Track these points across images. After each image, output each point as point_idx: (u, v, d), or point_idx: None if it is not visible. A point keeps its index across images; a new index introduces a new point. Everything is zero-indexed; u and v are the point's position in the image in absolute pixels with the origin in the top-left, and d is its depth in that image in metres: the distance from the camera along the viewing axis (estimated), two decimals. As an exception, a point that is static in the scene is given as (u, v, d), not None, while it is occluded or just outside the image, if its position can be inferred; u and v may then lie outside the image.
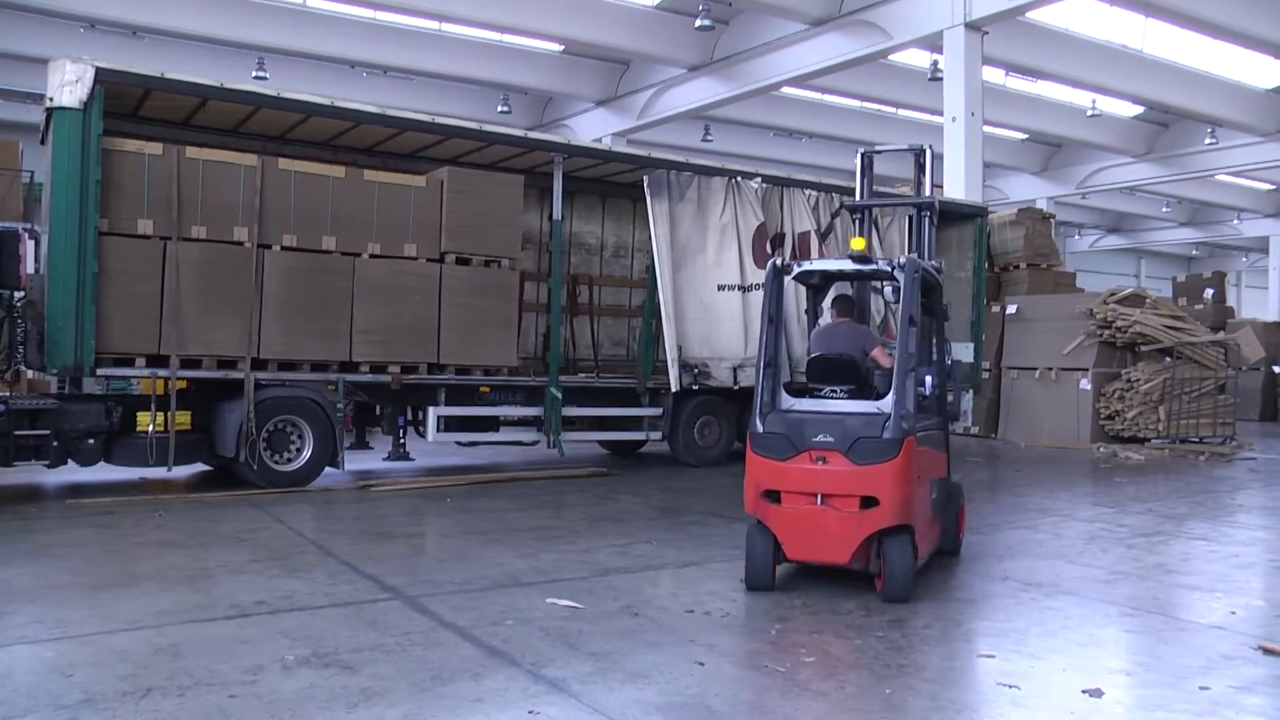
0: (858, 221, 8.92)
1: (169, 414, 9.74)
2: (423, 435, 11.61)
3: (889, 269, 6.57)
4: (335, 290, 10.62)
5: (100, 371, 9.50)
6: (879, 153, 9.23)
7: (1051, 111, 29.61)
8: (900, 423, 6.00)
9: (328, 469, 10.67)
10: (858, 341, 7.42)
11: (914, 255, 6.85)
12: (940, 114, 19.28)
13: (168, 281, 9.76)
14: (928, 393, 6.60)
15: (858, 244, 6.76)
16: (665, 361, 12.60)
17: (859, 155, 9.13)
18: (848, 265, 6.79)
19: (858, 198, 9.01)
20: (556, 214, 12.24)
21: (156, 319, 9.73)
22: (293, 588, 6.20)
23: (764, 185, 13.45)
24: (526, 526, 8.62)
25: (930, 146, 9.14)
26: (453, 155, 12.48)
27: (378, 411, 11.84)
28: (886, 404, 6.13)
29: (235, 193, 10.13)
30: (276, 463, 10.33)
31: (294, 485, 10.33)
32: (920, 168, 8.99)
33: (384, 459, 11.98)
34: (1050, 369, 17.05)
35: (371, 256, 10.83)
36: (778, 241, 13.50)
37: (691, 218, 12.83)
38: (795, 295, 11.00)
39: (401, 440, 11.80)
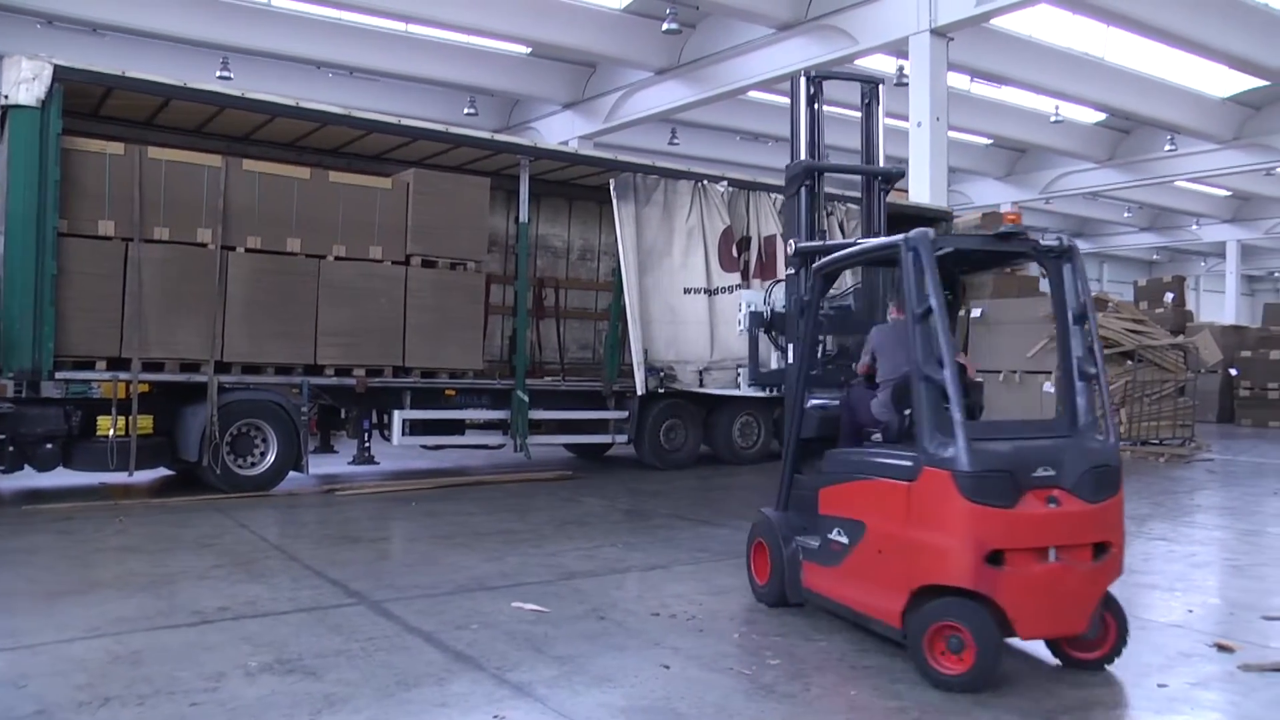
0: (803, 194, 6.86)
1: (130, 418, 9.60)
2: (388, 439, 11.55)
3: (1051, 248, 5.14)
4: (300, 292, 10.55)
5: (59, 375, 9.35)
6: (830, 77, 7.45)
7: (1015, 117, 29.94)
8: (1117, 446, 4.95)
9: (292, 473, 10.58)
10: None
11: (1064, 236, 5.26)
12: (906, 119, 19.40)
13: (129, 283, 9.65)
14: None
15: (1013, 219, 5.24)
16: (631, 364, 12.60)
17: (802, 79, 7.15)
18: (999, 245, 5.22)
19: (802, 154, 6.98)
20: (523, 216, 12.21)
21: (118, 321, 9.62)
22: (256, 593, 6.14)
23: (730, 189, 13.50)
24: (492, 530, 8.58)
25: (881, 83, 7.62)
26: (419, 157, 12.43)
27: (343, 415, 11.76)
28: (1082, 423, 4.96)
29: (199, 194, 10.04)
30: (240, 467, 10.23)
31: (258, 489, 10.23)
32: (868, 110, 7.33)
33: (349, 463, 11.89)
34: (1015, 372, 17.16)
35: (336, 259, 10.77)
36: (744, 245, 13.55)
37: (658, 221, 12.85)
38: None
39: (366, 444, 11.72)
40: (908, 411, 5.34)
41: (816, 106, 7.07)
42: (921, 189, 18.22)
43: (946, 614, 4.53)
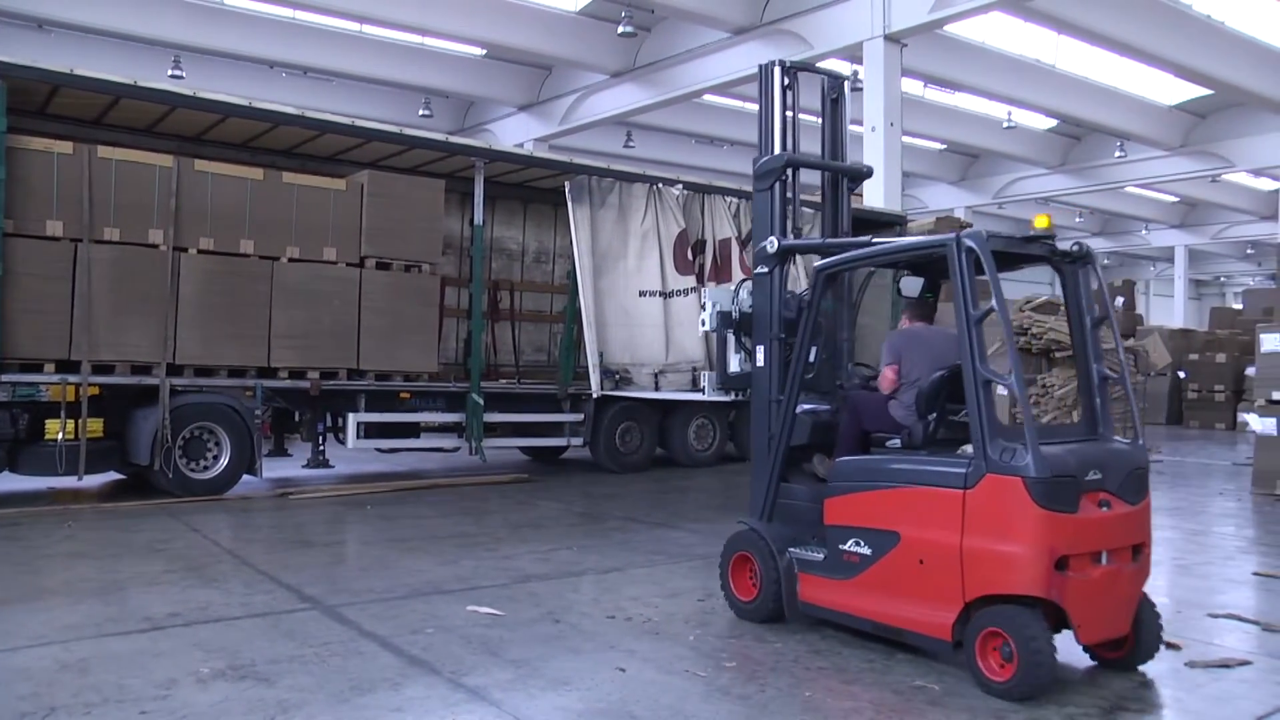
0: (776, 190, 6.22)
1: (80, 421, 9.47)
2: (342, 442, 11.46)
3: (1069, 253, 5.18)
4: (253, 294, 10.45)
5: (5, 377, 9.18)
6: (805, 69, 6.74)
7: (969, 123, 30.36)
8: (1145, 448, 5.08)
9: (245, 476, 10.48)
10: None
11: (1082, 242, 5.32)
12: (861, 124, 19.58)
13: (79, 284, 9.51)
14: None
15: (1042, 221, 5.19)
16: (587, 367, 12.61)
17: (776, 68, 6.45)
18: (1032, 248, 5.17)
19: (777, 146, 6.35)
20: (478, 219, 12.17)
21: (67, 323, 9.47)
22: (208, 598, 6.08)
23: (685, 192, 13.54)
24: (447, 533, 8.56)
25: (849, 80, 7.03)
26: (373, 159, 12.36)
27: (296, 418, 11.68)
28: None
29: (150, 194, 9.92)
30: (193, 470, 10.13)
31: (211, 493, 10.12)
32: (835, 108, 6.78)
33: (303, 466, 11.80)
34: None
35: (290, 260, 10.68)
36: (699, 248, 13.60)
37: (613, 224, 12.86)
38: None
39: (321, 447, 11.63)
40: (933, 416, 5.32)
41: (790, 98, 6.54)
42: (876, 193, 18.36)
43: (1004, 623, 4.48)
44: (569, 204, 12.56)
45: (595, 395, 12.55)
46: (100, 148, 9.80)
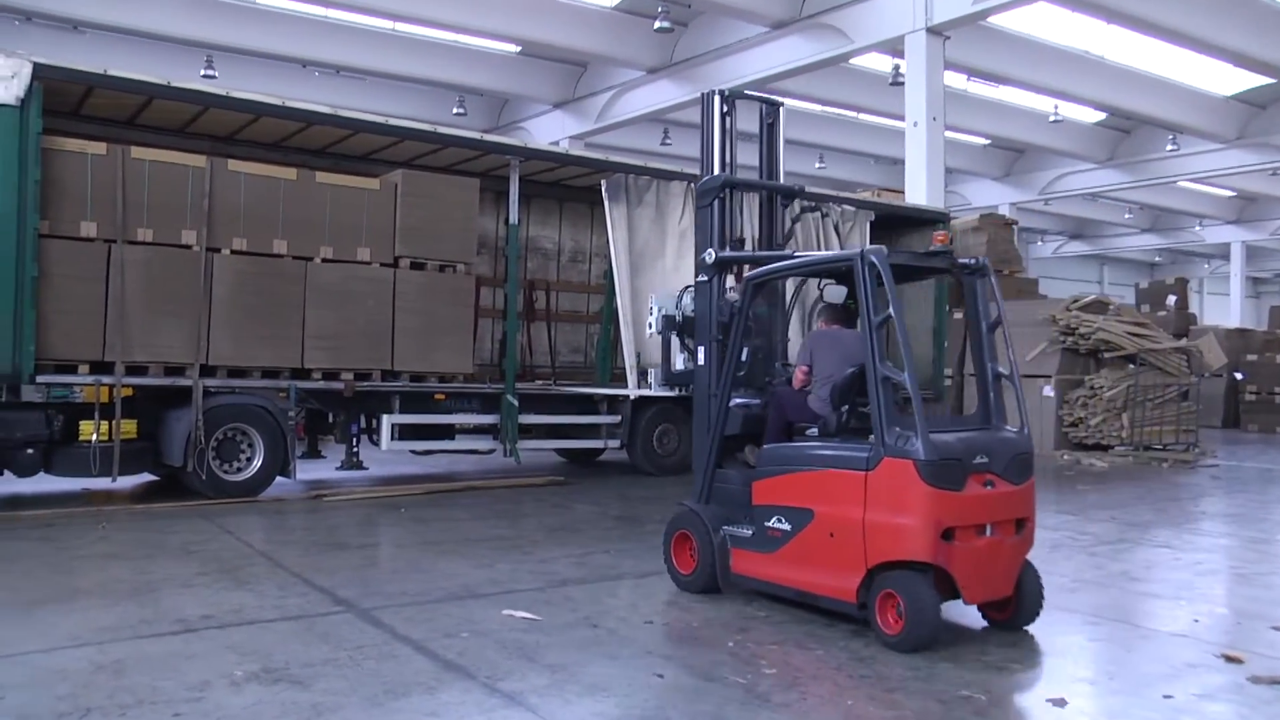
0: (715, 207, 7.45)
1: (113, 422, 9.58)
2: (376, 444, 11.53)
3: (968, 266, 6.07)
4: (286, 295, 10.54)
5: (40, 379, 9.30)
6: (741, 98, 7.91)
7: (1014, 117, 30.00)
8: (1030, 436, 5.94)
9: (279, 478, 10.56)
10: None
11: (979, 257, 6.21)
12: (902, 119, 19.46)
13: (112, 285, 9.63)
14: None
15: (941, 238, 6.11)
16: (623, 368, 12.60)
17: (715, 97, 7.63)
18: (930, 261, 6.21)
19: (717, 168, 7.52)
20: (512, 218, 12.21)
21: (100, 324, 9.60)
22: (242, 601, 6.13)
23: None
24: (482, 536, 8.58)
25: (783, 105, 8.06)
26: (407, 158, 12.44)
27: (330, 419, 11.77)
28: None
29: (183, 194, 10.03)
30: (226, 472, 10.22)
31: (244, 495, 10.21)
32: (770, 132, 7.92)
33: (337, 468, 11.88)
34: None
35: (324, 260, 10.77)
36: (736, 246, 13.51)
37: (650, 222, 12.86)
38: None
39: (355, 449, 11.70)
40: (845, 409, 6.11)
41: (729, 124, 7.62)
42: (918, 190, 18.28)
43: (897, 585, 5.30)
44: (605, 202, 12.58)
45: (632, 396, 12.55)
46: (134, 148, 9.93)
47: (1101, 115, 30.98)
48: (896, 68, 22.31)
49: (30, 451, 9.41)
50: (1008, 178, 36.44)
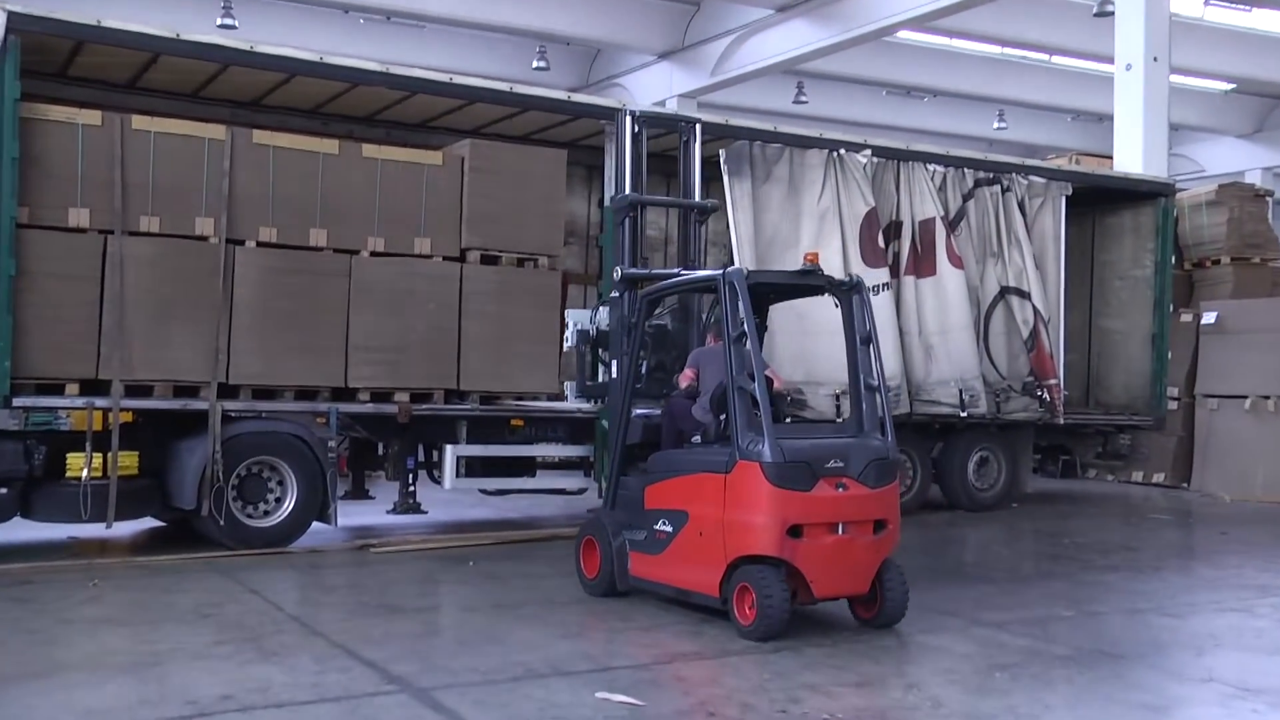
0: (626, 225, 10.29)
1: (109, 455, 9.73)
2: (438, 481, 11.64)
3: (843, 283, 8.27)
4: (326, 297, 10.69)
5: (18, 401, 9.45)
6: (651, 123, 11.38)
7: (1271, 51, 28.94)
8: (894, 444, 7.90)
9: (315, 524, 10.73)
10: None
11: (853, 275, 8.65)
12: (1110, 61, 19.02)
13: (109, 286, 9.80)
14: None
15: (811, 256, 8.41)
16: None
17: (627, 119, 11.03)
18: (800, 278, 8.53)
19: (628, 187, 10.71)
20: (608, 199, 12.23)
21: (94, 334, 9.77)
22: (269, 677, 6.23)
23: (875, 159, 13.38)
24: (570, 598, 8.61)
25: (698, 123, 11.41)
26: (476, 125, 12.57)
27: (380, 451, 11.89)
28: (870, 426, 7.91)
29: (197, 174, 10.22)
30: (250, 516, 10.39)
31: (272, 545, 10.37)
32: (686, 149, 11.19)
33: (388, 511, 12.01)
34: (1267, 397, 16.65)
35: (372, 254, 10.91)
36: (893, 232, 13.41)
37: (781, 201, 12.79)
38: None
39: (411, 488, 11.82)
40: (723, 417, 7.92)
41: (641, 144, 10.44)
42: (1132, 154, 17.77)
43: (749, 578, 7.11)
44: (724, 177, 12.53)
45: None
46: (135, 117, 10.12)
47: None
48: (1102, -2, 21.84)
49: (4, 491, 9.52)
50: (1260, 134, 35.19)
